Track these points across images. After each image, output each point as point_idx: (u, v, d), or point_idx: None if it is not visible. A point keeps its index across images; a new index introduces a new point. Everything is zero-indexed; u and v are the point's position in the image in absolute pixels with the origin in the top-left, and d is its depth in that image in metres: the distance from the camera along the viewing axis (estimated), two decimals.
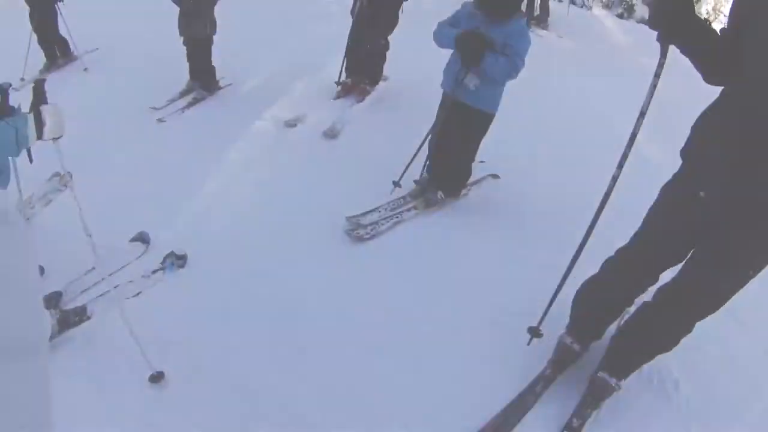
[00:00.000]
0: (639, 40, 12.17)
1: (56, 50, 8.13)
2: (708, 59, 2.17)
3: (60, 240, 3.16)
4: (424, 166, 4.27)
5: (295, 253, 3.62)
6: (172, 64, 6.37)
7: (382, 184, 4.33)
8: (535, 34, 11.11)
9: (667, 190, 2.41)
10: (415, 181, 4.33)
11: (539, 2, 12.01)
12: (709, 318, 2.41)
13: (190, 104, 6.16)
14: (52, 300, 3.12)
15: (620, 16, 15.42)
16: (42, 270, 3.17)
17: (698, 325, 2.44)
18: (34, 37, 7.83)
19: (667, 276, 2.49)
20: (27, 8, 7.69)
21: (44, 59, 7.93)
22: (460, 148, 4.02)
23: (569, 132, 5.78)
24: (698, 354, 2.96)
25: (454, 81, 3.75)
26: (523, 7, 11.17)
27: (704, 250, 2.30)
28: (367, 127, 5.46)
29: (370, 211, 4.04)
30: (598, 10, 15.29)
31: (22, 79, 7.33)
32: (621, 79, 7.44)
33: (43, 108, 2.28)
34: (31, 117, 2.22)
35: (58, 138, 2.43)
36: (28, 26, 7.67)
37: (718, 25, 11.28)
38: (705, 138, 2.22)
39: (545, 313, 2.75)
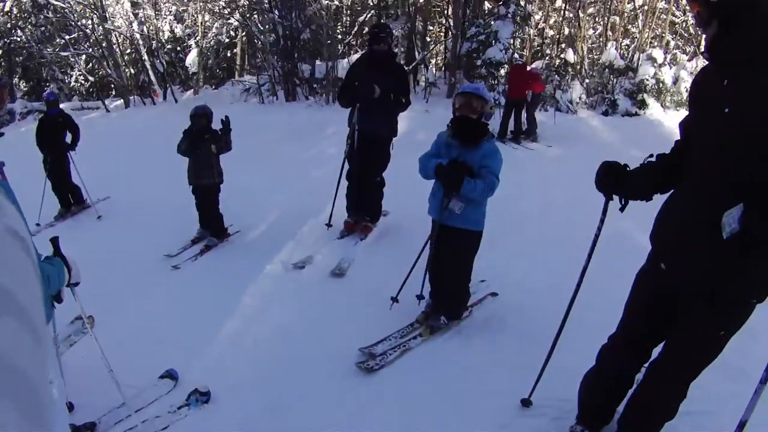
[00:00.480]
0: (625, 134, 12.78)
1: (70, 197, 8.73)
2: (660, 191, 2.58)
3: (89, 378, 3.42)
4: (423, 281, 4.52)
5: (311, 387, 3.79)
6: (181, 211, 6.88)
7: (391, 314, 4.57)
8: (525, 148, 11.71)
9: (640, 270, 2.71)
10: (417, 296, 4.56)
11: (526, 117, 12.68)
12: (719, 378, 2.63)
13: (203, 251, 6.54)
14: (86, 429, 3.35)
15: (605, 113, 16.12)
16: (71, 406, 3.44)
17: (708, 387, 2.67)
18: (48, 183, 8.48)
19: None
20: (41, 155, 8.33)
21: (59, 206, 8.49)
22: (455, 269, 4.27)
23: (561, 239, 6.06)
24: (708, 417, 3.15)
25: (439, 207, 4.09)
26: (511, 125, 11.85)
27: (677, 322, 2.52)
28: (372, 262, 5.73)
29: (381, 340, 4.24)
30: (583, 112, 16.12)
31: (38, 225, 7.95)
32: None
33: (68, 256, 2.53)
34: (60, 262, 2.44)
35: (76, 285, 2.69)
36: (43, 173, 8.30)
37: None
38: (661, 221, 2.54)
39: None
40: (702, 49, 2.23)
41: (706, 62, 2.27)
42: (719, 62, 2.16)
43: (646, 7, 18.31)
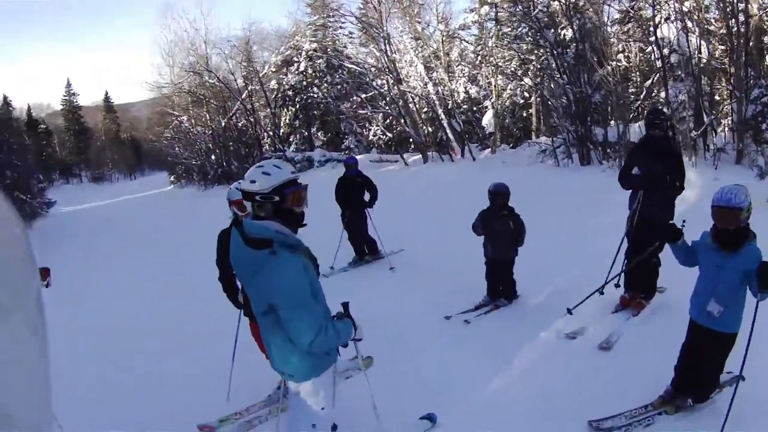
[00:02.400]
0: None
1: (365, 248, 10.18)
2: None
3: (358, 407, 4.29)
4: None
5: None
6: (473, 273, 7.68)
7: (643, 392, 4.92)
8: None
9: None
10: (661, 396, 4.83)
11: None
12: None
13: (492, 309, 7.44)
14: None
15: None
16: (335, 427, 4.25)
17: None
18: (345, 234, 10.09)
19: None
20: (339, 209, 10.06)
21: (353, 253, 10.14)
22: (707, 366, 4.52)
23: None
24: None
25: (700, 309, 4.44)
26: None
27: None
28: (640, 340, 6.02)
29: (612, 416, 4.68)
30: None
31: (332, 268, 9.71)
32: None
33: (356, 318, 3.64)
34: (350, 322, 3.61)
35: (359, 340, 3.75)
36: (340, 224, 10.02)
37: None
38: None
39: None
40: None
41: None
42: None
43: None
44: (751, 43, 16.16)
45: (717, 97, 18.31)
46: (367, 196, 10.02)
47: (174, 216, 21.30)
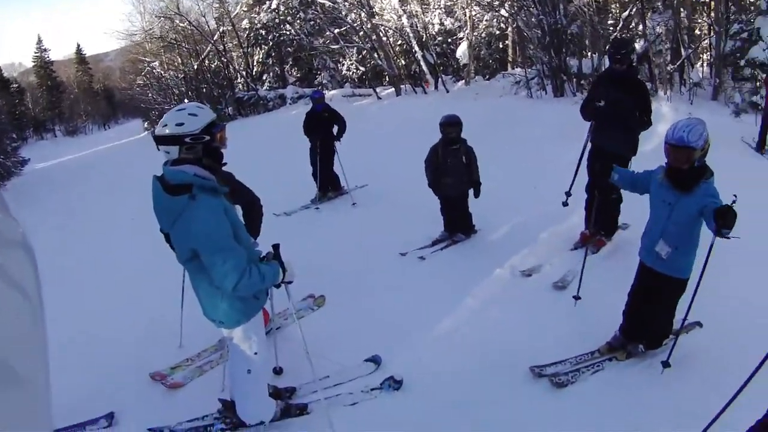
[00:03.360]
0: None
1: (328, 184, 10.06)
2: None
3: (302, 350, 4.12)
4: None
5: (502, 391, 4.22)
6: (429, 208, 7.48)
7: (596, 335, 4.74)
8: None
9: None
10: (608, 343, 4.65)
11: None
12: None
13: (449, 245, 7.26)
14: (286, 392, 4.29)
15: None
16: (281, 370, 4.54)
17: None
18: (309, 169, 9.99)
19: None
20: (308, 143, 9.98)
21: (317, 190, 10.02)
22: (657, 312, 4.29)
23: None
24: None
25: (650, 248, 4.18)
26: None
27: None
28: (595, 279, 5.66)
29: (555, 363, 4.51)
30: None
31: (312, 201, 9.71)
32: None
33: (286, 261, 3.60)
34: (277, 264, 3.54)
35: (290, 283, 3.70)
36: (307, 157, 10.00)
37: None
38: None
39: None
40: None
41: None
42: None
43: None
44: None
45: (697, 32, 18.03)
46: (335, 130, 9.92)
47: (147, 162, 20.94)
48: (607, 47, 6.84)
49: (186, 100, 33.59)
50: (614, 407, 4.01)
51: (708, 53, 17.78)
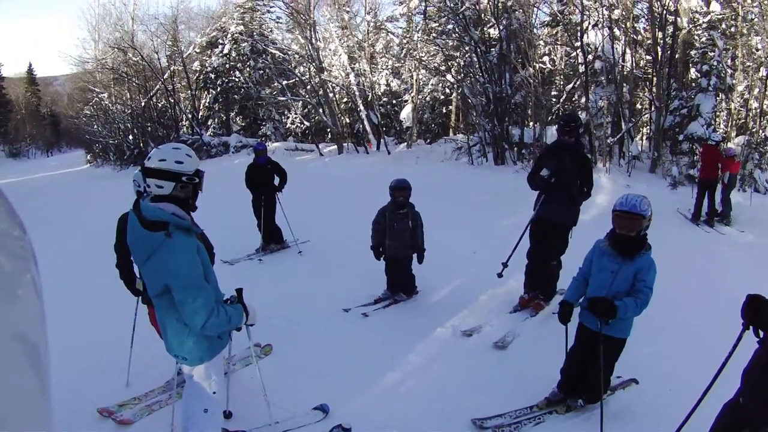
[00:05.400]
0: None
1: (271, 236, 10.21)
2: None
3: (254, 397, 4.27)
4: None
5: None
6: (378, 266, 7.54)
7: (534, 392, 4.96)
8: (717, 232, 11.40)
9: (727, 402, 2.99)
10: (546, 398, 4.89)
11: (721, 197, 12.36)
12: None
13: (391, 304, 7.38)
14: None
15: None
16: (230, 414, 4.60)
17: None
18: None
19: None
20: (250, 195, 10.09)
21: (261, 240, 10.12)
22: (597, 369, 4.46)
23: (724, 338, 5.93)
24: None
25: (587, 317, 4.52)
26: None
27: None
28: (536, 341, 6.08)
29: (497, 416, 4.70)
30: None
31: (257, 256, 9.81)
32: None
33: (248, 305, 3.77)
34: (241, 307, 3.70)
35: (251, 325, 3.87)
36: (250, 209, 10.06)
37: None
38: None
39: None
40: None
41: None
42: None
43: None
44: (677, 56, 16.78)
45: (638, 106, 18.92)
46: (277, 181, 10.10)
47: (86, 196, 20.50)
48: (558, 120, 7.20)
49: (131, 137, 33.71)
50: None
51: (647, 127, 18.66)
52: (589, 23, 17.54)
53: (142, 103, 32.56)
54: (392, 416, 4.77)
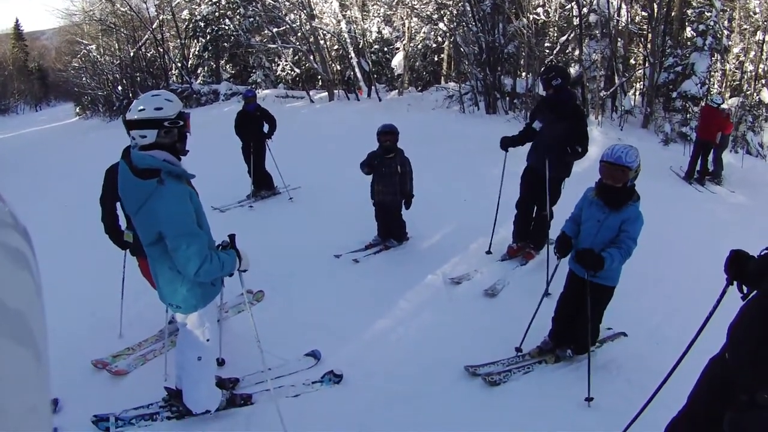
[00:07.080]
0: None
1: (261, 183, 10.23)
2: None
3: (246, 344, 4.30)
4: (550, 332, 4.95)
5: (433, 389, 4.46)
6: (368, 212, 7.56)
7: (525, 342, 4.99)
8: (708, 191, 11.46)
9: (712, 357, 2.97)
10: (538, 347, 4.96)
11: (713, 157, 12.39)
12: None
13: (381, 250, 7.41)
14: (230, 382, 4.40)
15: None
16: (222, 362, 4.65)
17: None
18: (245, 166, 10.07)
19: None
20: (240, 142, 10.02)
21: (251, 186, 10.13)
22: (586, 317, 4.50)
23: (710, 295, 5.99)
24: None
25: (576, 266, 4.52)
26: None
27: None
28: (524, 289, 6.11)
29: (488, 363, 4.78)
30: None
31: (247, 203, 9.82)
32: None
33: (241, 250, 3.71)
34: (234, 253, 3.66)
35: (244, 271, 3.79)
36: (240, 156, 10.02)
37: None
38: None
39: None
40: None
41: None
42: None
43: None
44: (673, 13, 16.61)
45: (632, 61, 18.79)
46: (266, 128, 10.02)
47: (75, 149, 20.22)
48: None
49: (120, 88, 33.06)
50: (543, 405, 4.29)
51: (641, 83, 18.57)
52: None
53: (131, 54, 31.83)
54: (383, 363, 4.83)
